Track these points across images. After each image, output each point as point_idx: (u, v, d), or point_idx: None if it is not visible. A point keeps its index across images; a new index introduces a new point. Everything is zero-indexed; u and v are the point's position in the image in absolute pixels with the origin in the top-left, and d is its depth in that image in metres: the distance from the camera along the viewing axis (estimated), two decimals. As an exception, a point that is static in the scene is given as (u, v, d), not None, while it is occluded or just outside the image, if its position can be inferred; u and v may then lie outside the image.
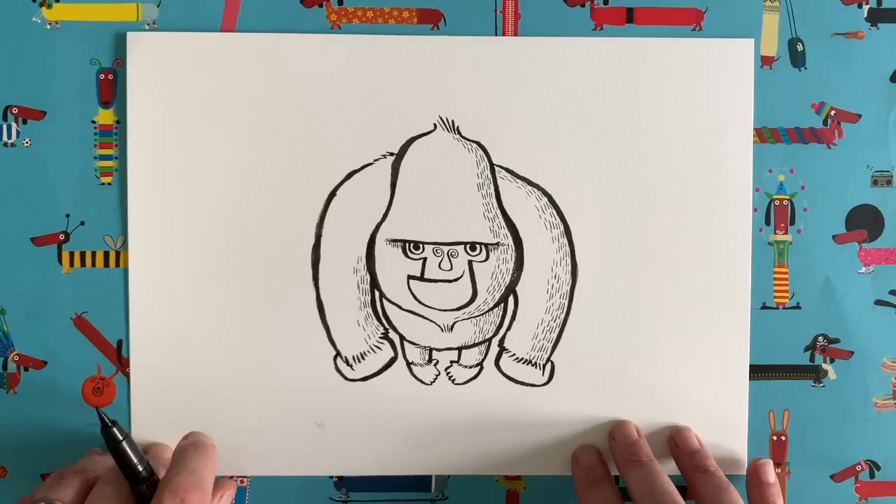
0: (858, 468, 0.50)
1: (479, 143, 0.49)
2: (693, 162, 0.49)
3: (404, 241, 0.49)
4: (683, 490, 0.49)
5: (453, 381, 0.50)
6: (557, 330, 0.49)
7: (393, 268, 0.49)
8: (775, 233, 0.50)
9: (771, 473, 0.48)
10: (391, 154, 0.49)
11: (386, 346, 0.49)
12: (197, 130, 0.49)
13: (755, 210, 0.50)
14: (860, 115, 0.50)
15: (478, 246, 0.49)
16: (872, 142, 0.50)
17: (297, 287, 0.49)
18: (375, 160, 0.49)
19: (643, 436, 0.49)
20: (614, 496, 0.46)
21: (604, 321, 0.49)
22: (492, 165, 0.49)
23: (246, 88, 0.49)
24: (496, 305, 0.49)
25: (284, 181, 0.49)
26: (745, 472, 0.49)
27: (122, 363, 0.49)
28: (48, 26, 0.49)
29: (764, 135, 0.50)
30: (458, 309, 0.49)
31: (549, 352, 0.49)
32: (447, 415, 0.49)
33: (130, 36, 0.48)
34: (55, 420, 0.49)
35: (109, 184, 0.49)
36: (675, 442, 0.49)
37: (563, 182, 0.49)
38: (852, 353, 0.50)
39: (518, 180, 0.49)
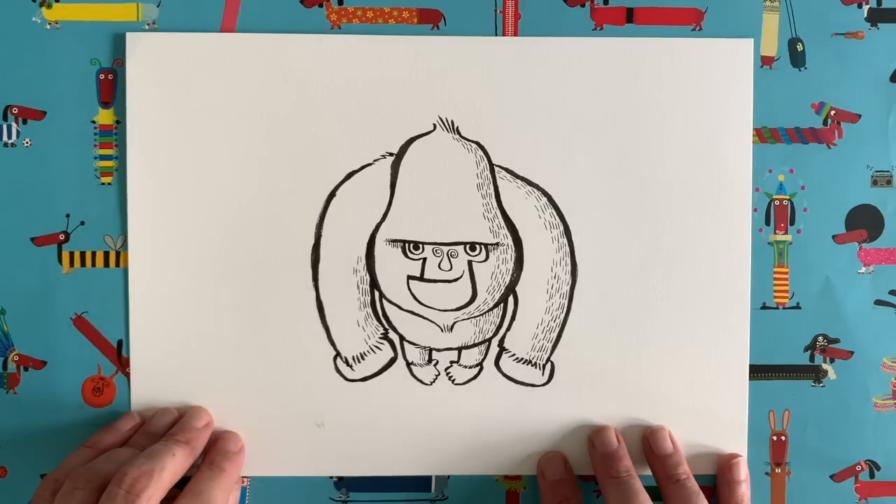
0: (858, 468, 0.50)
1: (478, 144, 0.49)
2: (693, 162, 0.49)
3: (404, 242, 0.49)
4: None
5: (453, 381, 0.50)
6: (557, 330, 0.49)
7: (393, 268, 0.49)
8: (775, 233, 0.50)
9: (742, 471, 0.48)
10: (391, 154, 0.49)
11: (386, 346, 0.49)
12: (197, 130, 0.49)
13: (755, 210, 0.50)
14: (860, 115, 0.50)
15: (477, 246, 0.49)
16: (872, 142, 0.50)
17: (296, 287, 0.49)
18: (375, 160, 0.49)
19: (623, 443, 0.48)
20: None
21: (604, 321, 0.49)
22: (491, 165, 0.49)
23: (246, 88, 0.49)
24: (496, 305, 0.49)
25: (284, 181, 0.49)
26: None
27: (122, 363, 0.49)
28: (48, 26, 0.49)
29: (764, 135, 0.50)
30: (458, 309, 0.49)
31: (549, 352, 0.49)
32: (447, 415, 0.49)
33: (130, 36, 0.48)
34: (55, 420, 0.49)
35: (109, 184, 0.49)
36: (648, 445, 0.49)
37: (563, 182, 0.49)
38: (852, 353, 0.50)
39: (518, 180, 0.49)
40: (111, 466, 0.42)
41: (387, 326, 0.49)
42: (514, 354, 0.49)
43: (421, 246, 0.49)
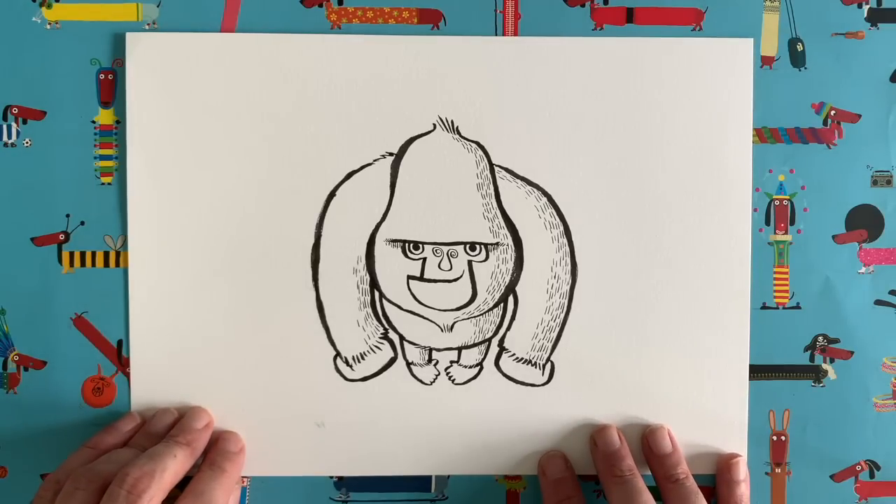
0: (858, 468, 0.50)
1: (478, 143, 0.49)
2: (693, 162, 0.49)
3: (404, 242, 0.49)
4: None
5: (453, 381, 0.50)
6: (557, 330, 0.49)
7: (393, 268, 0.49)
8: (775, 233, 0.50)
9: (741, 471, 0.48)
10: (391, 154, 0.49)
11: (386, 346, 0.49)
12: (197, 130, 0.49)
13: (755, 210, 0.50)
14: (860, 115, 0.50)
15: (477, 246, 0.49)
16: (872, 142, 0.50)
17: (296, 287, 0.49)
18: (375, 160, 0.49)
19: (625, 442, 0.48)
20: None
21: (604, 321, 0.49)
22: (491, 165, 0.49)
23: (245, 88, 0.49)
24: (496, 305, 0.49)
25: (284, 181, 0.49)
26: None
27: (122, 363, 0.49)
28: (48, 26, 0.49)
29: (764, 135, 0.50)
30: (458, 309, 0.49)
31: (548, 352, 0.49)
32: (447, 415, 0.49)
33: (130, 36, 0.48)
34: (55, 420, 0.49)
35: (109, 184, 0.49)
36: (647, 444, 0.49)
37: (563, 182, 0.49)
38: (852, 353, 0.50)
39: (518, 180, 0.49)
40: (112, 467, 0.42)
41: (387, 326, 0.49)
42: (514, 354, 0.49)
43: (421, 246, 0.49)
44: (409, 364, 0.50)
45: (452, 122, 0.49)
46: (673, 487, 0.46)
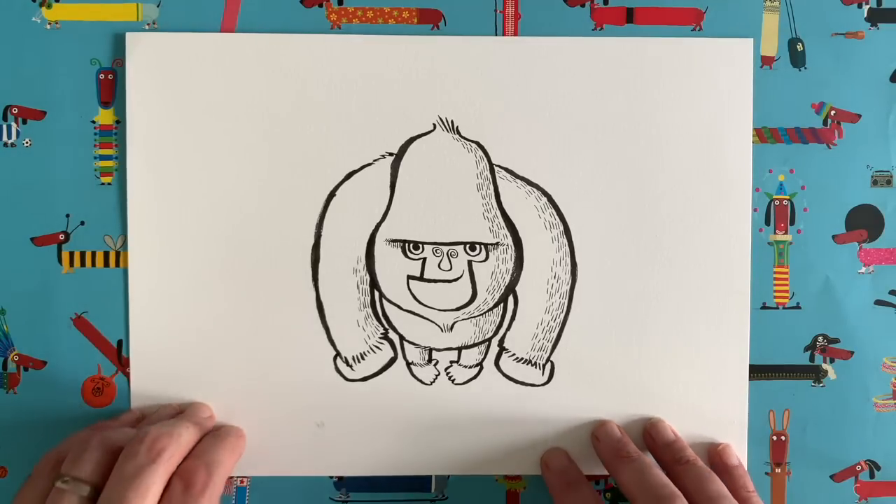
0: (858, 468, 0.50)
1: (478, 143, 0.49)
2: (693, 162, 0.49)
3: (404, 242, 0.49)
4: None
5: (453, 381, 0.50)
6: (557, 330, 0.49)
7: (393, 268, 0.49)
8: (775, 233, 0.50)
9: (733, 456, 0.48)
10: (390, 154, 0.49)
11: (386, 346, 0.49)
12: (196, 130, 0.49)
13: (755, 210, 0.50)
14: (860, 115, 0.50)
15: (477, 246, 0.49)
16: (872, 142, 0.50)
17: (296, 287, 0.49)
18: (375, 160, 0.49)
19: (626, 435, 0.48)
20: (592, 496, 0.46)
21: (604, 321, 0.49)
22: (491, 165, 0.49)
23: (245, 88, 0.49)
24: (496, 305, 0.49)
25: (284, 181, 0.49)
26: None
27: (122, 363, 0.49)
28: (48, 26, 0.49)
29: (764, 135, 0.50)
30: (458, 309, 0.49)
31: (548, 352, 0.49)
32: (447, 415, 0.49)
33: (130, 36, 0.48)
34: (55, 420, 0.49)
35: (109, 184, 0.49)
36: (650, 436, 0.49)
37: (563, 182, 0.49)
38: (852, 353, 0.50)
39: (517, 180, 0.49)
40: (122, 437, 0.42)
41: (387, 326, 0.49)
42: (514, 354, 0.49)
43: (421, 246, 0.49)
44: (409, 364, 0.50)
45: (452, 122, 0.49)
46: (684, 469, 0.45)
